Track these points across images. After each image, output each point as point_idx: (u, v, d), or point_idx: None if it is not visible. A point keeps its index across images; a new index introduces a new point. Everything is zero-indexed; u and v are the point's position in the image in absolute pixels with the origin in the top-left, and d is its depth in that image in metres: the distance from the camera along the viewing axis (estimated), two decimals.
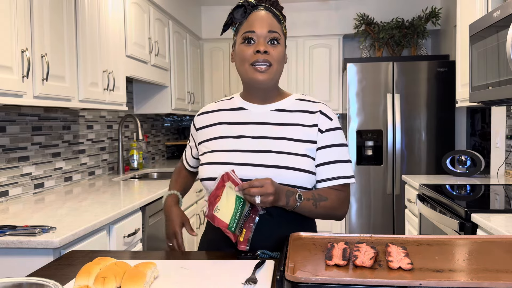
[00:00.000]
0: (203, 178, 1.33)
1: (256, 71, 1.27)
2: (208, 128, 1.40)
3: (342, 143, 1.33)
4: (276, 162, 1.25)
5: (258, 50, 1.25)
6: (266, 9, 1.31)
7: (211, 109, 1.44)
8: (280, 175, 1.24)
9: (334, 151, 1.31)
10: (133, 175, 3.45)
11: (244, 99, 1.39)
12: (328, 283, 0.83)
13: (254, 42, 1.27)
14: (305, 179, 1.26)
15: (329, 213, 1.30)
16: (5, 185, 2.26)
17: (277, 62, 1.28)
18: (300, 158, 1.27)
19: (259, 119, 1.34)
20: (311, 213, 1.27)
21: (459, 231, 1.93)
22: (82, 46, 2.39)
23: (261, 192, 1.13)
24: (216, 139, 1.36)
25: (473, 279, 0.83)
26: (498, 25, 2.08)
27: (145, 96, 3.95)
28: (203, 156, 1.37)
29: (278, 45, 1.29)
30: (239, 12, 1.30)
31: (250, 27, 1.28)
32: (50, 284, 0.80)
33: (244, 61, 1.28)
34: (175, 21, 4.10)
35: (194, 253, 1.31)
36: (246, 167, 1.26)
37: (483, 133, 3.68)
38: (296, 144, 1.29)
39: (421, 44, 4.56)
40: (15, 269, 1.55)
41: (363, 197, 4.18)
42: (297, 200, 1.21)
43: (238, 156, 1.29)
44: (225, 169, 1.24)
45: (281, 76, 1.36)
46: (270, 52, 1.26)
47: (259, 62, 1.26)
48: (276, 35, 1.28)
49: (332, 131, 1.32)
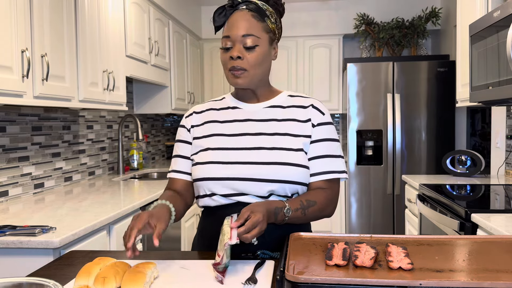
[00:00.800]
0: (199, 178, 1.29)
1: (234, 77, 1.27)
2: (201, 127, 1.36)
3: (334, 138, 1.33)
4: (273, 158, 1.25)
5: (231, 56, 1.25)
6: (248, 7, 1.27)
7: (201, 109, 1.40)
8: (278, 172, 1.23)
9: (326, 145, 1.31)
10: (133, 175, 3.45)
11: (236, 98, 1.38)
12: (328, 283, 0.83)
13: (232, 47, 1.26)
14: (302, 175, 1.26)
15: (318, 215, 1.29)
16: (5, 185, 2.26)
17: (253, 67, 1.26)
18: (297, 153, 1.27)
19: (253, 116, 1.33)
20: (299, 221, 1.26)
21: (459, 231, 1.93)
22: (82, 46, 2.39)
23: (257, 235, 1.10)
24: (210, 137, 1.33)
25: (473, 279, 0.83)
26: (498, 25, 2.07)
27: (145, 96, 3.94)
28: (197, 155, 1.33)
29: (256, 48, 1.25)
30: (218, 13, 1.29)
31: (226, 32, 1.27)
32: (50, 284, 0.80)
33: (224, 66, 1.29)
34: (175, 21, 4.10)
35: (194, 253, 1.31)
36: (243, 165, 1.25)
37: (483, 133, 3.68)
38: (292, 139, 1.28)
39: (421, 44, 4.56)
40: (15, 269, 1.55)
41: (363, 197, 4.18)
42: (286, 214, 1.20)
43: (235, 154, 1.28)
44: (221, 169, 1.25)
45: (269, 74, 1.35)
46: (245, 57, 1.25)
47: (234, 69, 1.26)
48: (252, 39, 1.24)
49: (324, 125, 1.32)
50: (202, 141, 1.33)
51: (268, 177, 1.24)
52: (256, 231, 1.09)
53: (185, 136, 1.38)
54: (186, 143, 1.38)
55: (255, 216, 1.10)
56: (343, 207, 4.44)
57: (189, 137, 1.37)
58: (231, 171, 1.25)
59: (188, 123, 1.39)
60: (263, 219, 1.11)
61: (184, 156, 1.37)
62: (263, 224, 1.11)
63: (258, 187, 1.24)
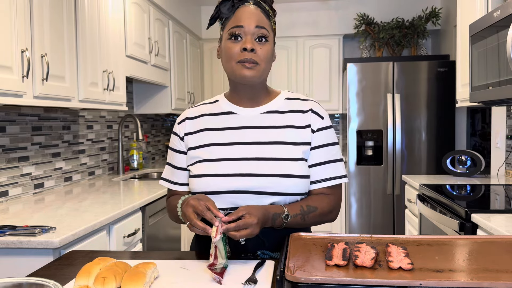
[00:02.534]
0: (198, 192, 1.23)
1: (243, 67, 1.20)
2: (195, 135, 1.30)
3: (334, 142, 1.30)
4: (274, 170, 1.21)
5: (245, 48, 1.19)
6: (255, 3, 1.23)
7: (194, 114, 1.34)
8: (278, 184, 1.20)
9: (326, 151, 1.28)
10: (133, 175, 3.45)
11: (231, 101, 1.32)
12: (328, 283, 0.83)
13: (241, 38, 1.20)
14: (302, 186, 1.23)
15: (319, 220, 1.26)
16: (5, 185, 2.26)
17: (265, 61, 1.22)
18: (297, 163, 1.23)
19: (250, 123, 1.27)
20: (299, 226, 1.23)
21: (459, 231, 1.93)
22: (82, 46, 2.39)
23: (246, 236, 1.09)
24: (207, 147, 1.27)
25: (473, 279, 0.83)
26: (498, 25, 2.07)
27: (145, 96, 3.94)
28: (193, 166, 1.27)
29: (266, 42, 1.22)
30: (226, 6, 1.23)
31: (237, 22, 1.21)
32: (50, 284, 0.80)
33: (231, 58, 1.21)
34: (175, 21, 4.10)
35: (194, 253, 1.31)
36: (242, 178, 1.21)
37: (483, 133, 3.68)
38: (292, 148, 1.24)
39: (421, 44, 4.56)
40: (15, 269, 1.55)
41: (363, 197, 4.18)
42: (284, 220, 1.18)
43: (233, 165, 1.23)
44: (219, 181, 1.21)
45: (268, 74, 1.31)
46: (257, 51, 1.20)
47: (246, 61, 1.20)
48: (265, 32, 1.21)
49: (324, 130, 1.29)
50: (198, 152, 1.28)
51: (270, 190, 1.20)
52: (246, 233, 1.08)
53: (178, 146, 1.33)
54: (180, 153, 1.33)
55: (250, 218, 1.09)
56: (343, 207, 4.44)
57: (182, 146, 1.33)
58: (230, 184, 1.21)
59: (181, 130, 1.33)
60: (257, 224, 1.10)
61: (180, 167, 1.33)
62: (255, 228, 1.10)
63: (259, 199, 1.21)
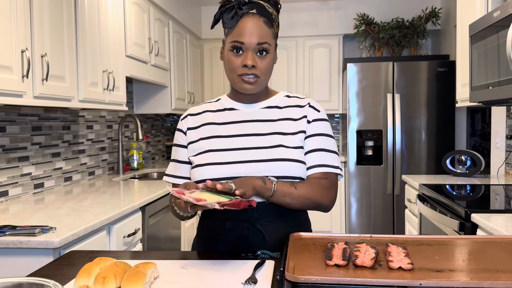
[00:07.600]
0: (199, 181, 1.27)
1: (243, 82, 1.27)
2: (197, 129, 1.36)
3: (329, 134, 1.34)
4: (272, 156, 1.26)
5: (245, 65, 1.24)
6: (258, 11, 1.25)
7: (197, 111, 1.40)
8: (277, 167, 1.24)
9: (321, 140, 1.32)
10: (133, 175, 3.45)
11: (232, 99, 1.38)
12: (328, 283, 0.83)
13: (243, 52, 1.25)
14: (301, 170, 1.27)
15: (312, 198, 1.25)
16: (5, 185, 2.26)
17: (265, 73, 1.28)
18: (295, 150, 1.28)
19: (249, 117, 1.34)
20: (292, 197, 1.23)
21: (459, 231, 1.93)
22: (82, 46, 2.39)
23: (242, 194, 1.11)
24: (209, 139, 1.33)
25: (473, 279, 0.83)
26: (498, 25, 2.07)
27: (145, 96, 3.95)
28: (196, 157, 1.32)
29: (267, 55, 1.26)
30: (229, 14, 1.26)
31: (239, 37, 1.24)
32: (50, 284, 0.80)
33: (232, 71, 1.27)
34: (175, 21, 4.10)
35: (194, 253, 1.31)
36: (243, 164, 1.26)
37: (483, 133, 3.68)
38: (289, 137, 1.29)
39: (421, 44, 4.56)
40: (15, 269, 1.55)
41: (363, 197, 4.18)
42: (273, 181, 1.20)
43: (233, 154, 1.28)
44: (221, 169, 1.25)
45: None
46: (257, 65, 1.25)
47: (246, 75, 1.26)
48: (266, 46, 1.25)
49: (319, 121, 1.33)
50: (200, 144, 1.33)
51: (268, 173, 1.24)
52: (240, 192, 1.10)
53: (181, 141, 1.38)
54: (184, 148, 1.38)
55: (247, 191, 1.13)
56: (343, 207, 4.44)
57: (185, 141, 1.38)
58: (230, 170, 1.25)
59: (184, 125, 1.39)
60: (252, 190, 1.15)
61: (185, 161, 1.38)
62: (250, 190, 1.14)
63: None
